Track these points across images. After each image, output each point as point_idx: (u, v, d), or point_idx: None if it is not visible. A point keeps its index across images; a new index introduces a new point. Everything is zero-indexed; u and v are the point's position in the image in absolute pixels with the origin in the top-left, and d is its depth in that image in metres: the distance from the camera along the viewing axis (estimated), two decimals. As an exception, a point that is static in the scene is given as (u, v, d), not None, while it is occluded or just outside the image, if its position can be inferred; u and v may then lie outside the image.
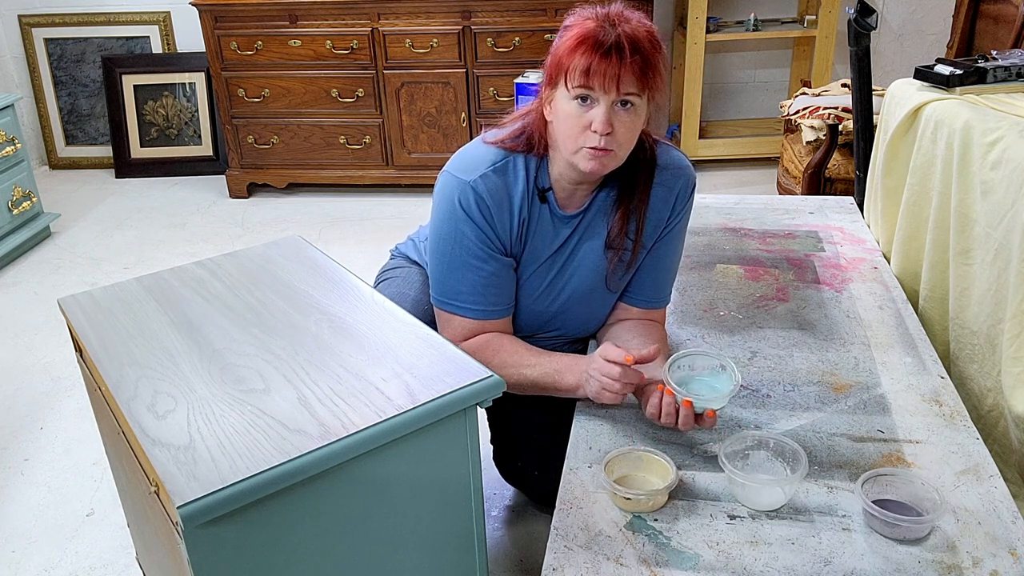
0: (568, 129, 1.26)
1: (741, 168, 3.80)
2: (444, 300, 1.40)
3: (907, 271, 1.86)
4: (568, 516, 1.12)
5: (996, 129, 1.55)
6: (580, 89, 1.22)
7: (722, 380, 1.22)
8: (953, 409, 1.31)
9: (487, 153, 1.37)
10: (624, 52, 1.20)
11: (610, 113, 1.22)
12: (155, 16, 3.98)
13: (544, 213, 1.38)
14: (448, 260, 1.37)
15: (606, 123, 1.22)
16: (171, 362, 1.10)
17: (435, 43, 3.36)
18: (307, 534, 0.96)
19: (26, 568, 1.72)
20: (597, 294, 1.45)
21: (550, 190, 1.37)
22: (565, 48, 1.24)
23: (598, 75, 1.20)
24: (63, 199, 3.81)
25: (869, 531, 1.06)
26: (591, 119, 1.23)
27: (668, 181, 1.39)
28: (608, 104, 1.22)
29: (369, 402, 1.00)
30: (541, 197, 1.37)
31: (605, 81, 1.20)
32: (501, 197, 1.34)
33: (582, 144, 1.25)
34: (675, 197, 1.40)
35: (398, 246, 1.72)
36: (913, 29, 3.82)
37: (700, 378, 1.23)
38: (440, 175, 1.38)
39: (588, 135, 1.24)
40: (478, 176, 1.33)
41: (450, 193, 1.35)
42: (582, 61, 1.21)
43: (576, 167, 1.29)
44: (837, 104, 2.73)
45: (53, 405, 2.27)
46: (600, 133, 1.22)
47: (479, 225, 1.34)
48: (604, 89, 1.21)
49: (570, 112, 1.24)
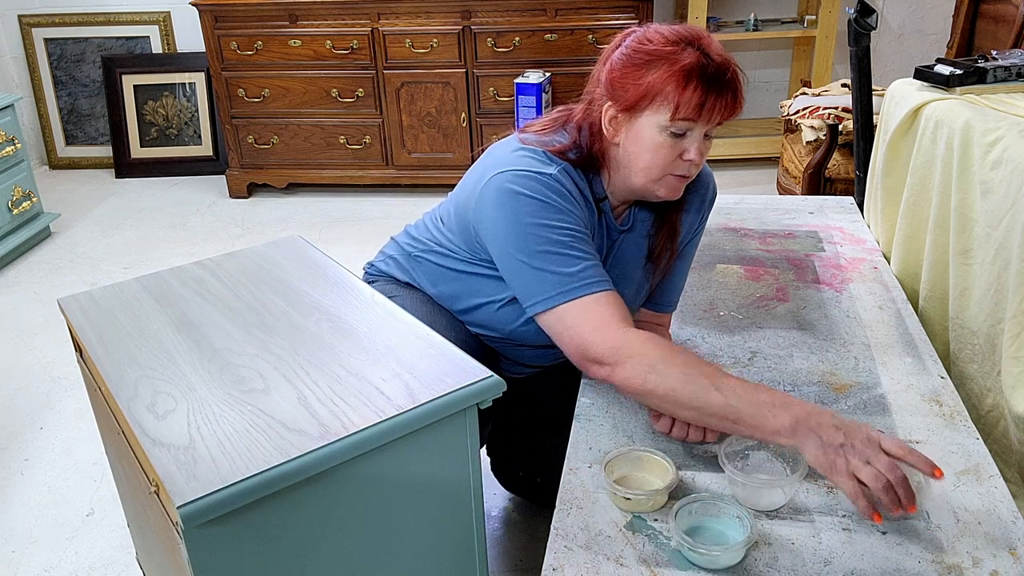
0: (655, 159, 1.23)
1: (741, 168, 3.80)
2: (559, 292, 1.18)
3: (907, 271, 1.86)
4: (568, 516, 1.12)
5: (996, 129, 1.55)
6: (685, 123, 1.20)
7: (735, 528, 1.06)
8: (953, 409, 1.31)
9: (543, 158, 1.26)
10: (729, 84, 1.19)
11: (702, 143, 1.24)
12: (155, 16, 3.98)
13: (599, 224, 1.36)
14: (543, 253, 1.19)
15: (701, 153, 1.23)
16: (171, 362, 1.10)
17: (435, 43, 3.36)
18: (307, 534, 0.96)
19: (26, 568, 1.72)
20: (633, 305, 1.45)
21: (605, 200, 1.34)
22: (669, 80, 1.18)
23: (710, 111, 1.19)
24: (63, 199, 3.81)
25: (869, 531, 1.06)
26: (683, 149, 1.22)
27: (699, 188, 1.42)
28: (701, 135, 1.23)
29: (369, 402, 1.00)
30: (598, 208, 1.34)
31: (712, 115, 1.19)
32: (576, 194, 1.26)
33: (670, 172, 1.24)
34: (705, 204, 1.44)
35: (374, 264, 1.57)
36: (913, 29, 3.82)
37: (711, 524, 1.08)
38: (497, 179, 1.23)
39: (679, 164, 1.24)
40: (556, 170, 1.24)
41: (526, 187, 1.21)
42: (695, 97, 1.17)
43: (654, 192, 1.28)
44: (837, 104, 2.73)
45: (53, 405, 2.27)
46: (697, 163, 1.23)
47: (573, 209, 1.23)
48: (708, 122, 1.21)
49: (661, 142, 1.22)
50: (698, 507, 1.07)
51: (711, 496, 1.09)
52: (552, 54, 3.33)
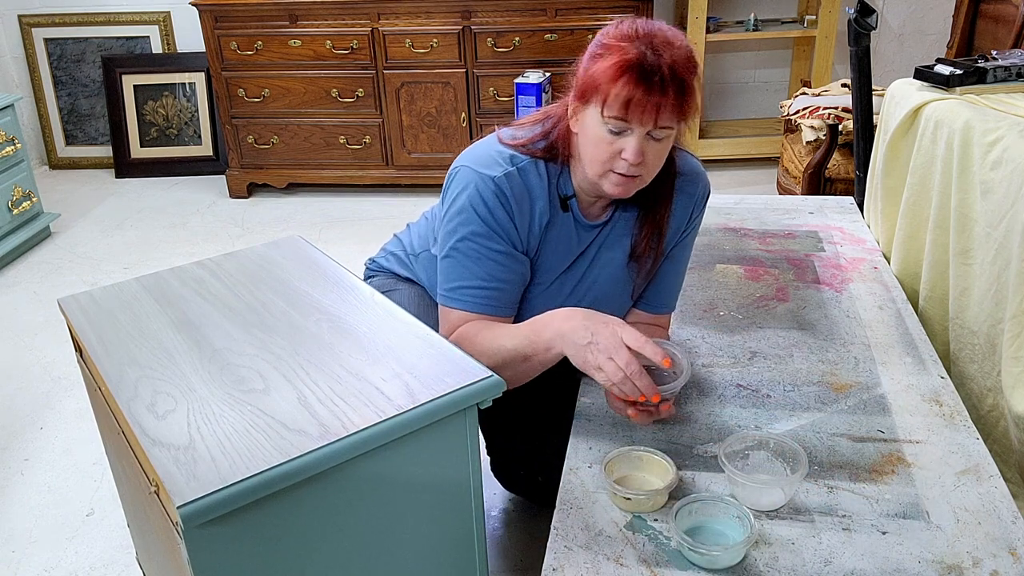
0: (597, 153, 1.22)
1: (741, 168, 3.80)
2: (449, 295, 1.33)
3: (907, 271, 1.86)
4: (568, 516, 1.12)
5: (996, 129, 1.55)
6: (616, 121, 1.18)
7: (735, 528, 1.07)
8: (953, 409, 1.31)
9: (507, 151, 1.32)
10: (667, 86, 1.14)
11: (642, 143, 1.19)
12: (155, 16, 3.98)
13: (567, 220, 1.35)
14: (463, 254, 1.31)
15: (638, 154, 1.18)
16: (171, 362, 1.10)
17: (435, 43, 3.36)
18: (307, 534, 0.96)
19: (26, 568, 1.72)
20: (616, 304, 1.44)
21: (572, 198, 1.34)
22: (604, 73, 1.17)
23: (638, 109, 1.15)
24: (63, 199, 3.81)
25: (869, 531, 1.06)
26: (622, 147, 1.19)
27: (687, 188, 1.39)
28: (642, 135, 1.18)
29: (369, 402, 1.00)
30: (563, 205, 1.33)
31: (643, 115, 1.16)
32: (524, 197, 1.30)
33: (609, 168, 1.22)
34: (693, 204, 1.40)
35: (376, 260, 1.63)
36: (913, 29, 3.82)
37: (711, 524, 1.09)
38: (456, 169, 1.33)
39: (617, 161, 1.21)
40: (502, 173, 1.28)
41: (470, 186, 1.29)
42: (623, 92, 1.15)
43: (600, 189, 1.26)
44: (837, 104, 2.73)
45: (53, 405, 2.27)
46: (632, 163, 1.19)
47: (499, 220, 1.29)
48: (641, 122, 1.17)
49: (601, 137, 1.20)
50: (698, 507, 1.07)
51: (711, 496, 1.09)
52: (552, 54, 3.33)
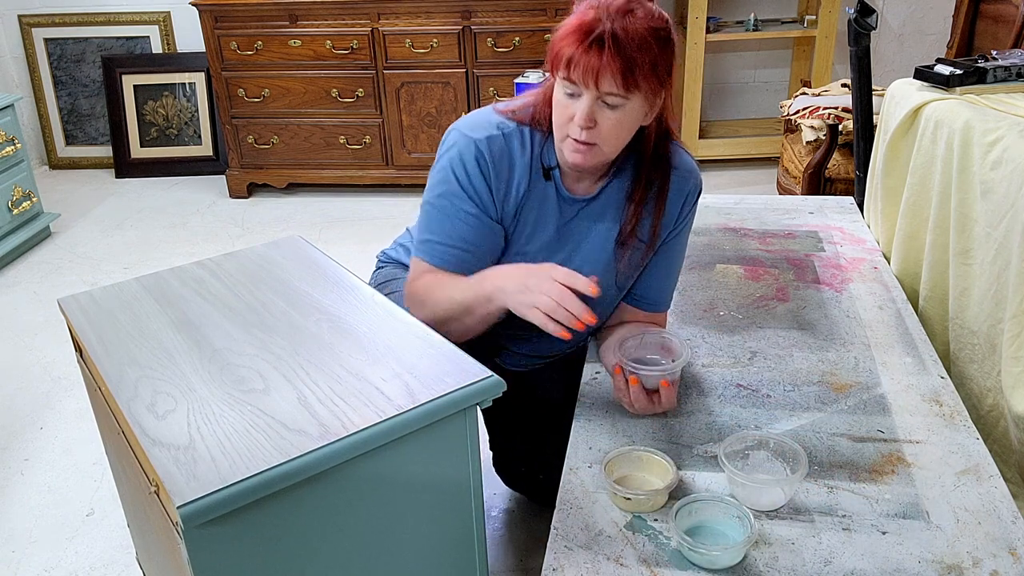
0: (557, 117, 1.25)
1: (741, 168, 3.80)
2: (419, 246, 1.37)
3: (907, 271, 1.86)
4: (568, 516, 1.12)
5: (996, 129, 1.55)
6: (565, 82, 1.21)
7: (735, 528, 1.07)
8: (953, 409, 1.31)
9: (497, 118, 1.35)
10: (605, 49, 1.15)
11: (593, 108, 1.20)
12: (155, 16, 3.98)
13: (548, 191, 1.36)
14: (436, 209, 1.35)
15: (585, 117, 1.20)
16: (171, 362, 1.10)
17: (435, 43, 3.36)
18: (307, 534, 0.96)
19: (26, 568, 1.72)
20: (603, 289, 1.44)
21: (555, 168, 1.35)
22: (560, 34, 1.21)
23: (578, 68, 1.17)
24: (63, 199, 3.81)
25: (869, 531, 1.06)
26: (575, 111, 1.21)
27: (679, 183, 1.38)
28: (592, 99, 1.19)
29: (369, 402, 1.00)
30: (546, 174, 1.35)
31: (585, 76, 1.17)
32: (503, 161, 1.33)
33: (567, 133, 1.24)
34: (684, 200, 1.40)
35: (386, 252, 1.68)
36: (913, 29, 3.82)
37: (711, 524, 1.09)
38: (448, 132, 1.37)
39: (572, 126, 1.23)
40: (485, 136, 1.32)
41: (453, 146, 1.33)
42: (567, 51, 1.18)
43: (563, 157, 1.29)
44: (837, 104, 2.73)
45: (53, 405, 2.27)
46: (580, 126, 1.21)
47: (475, 184, 1.32)
48: (584, 84, 1.18)
49: (559, 100, 1.24)
50: (698, 507, 1.07)
51: (711, 496, 1.09)
52: (552, 54, 3.33)
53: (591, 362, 1.47)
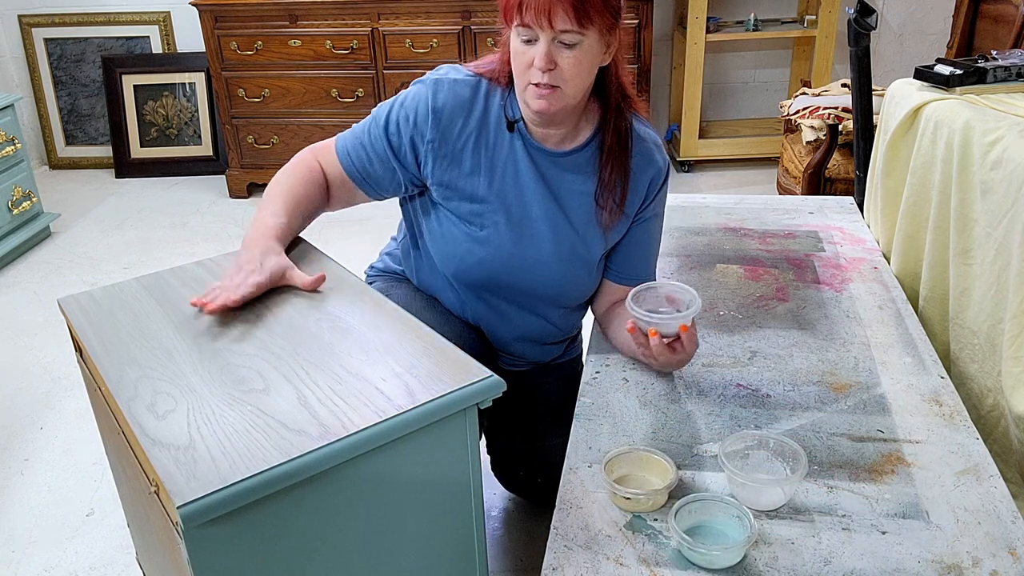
0: (516, 67, 1.26)
1: (741, 168, 3.80)
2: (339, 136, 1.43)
3: (907, 271, 1.86)
4: (568, 516, 1.12)
5: (996, 129, 1.55)
6: (521, 28, 1.22)
7: (735, 528, 1.06)
8: (953, 409, 1.31)
9: (461, 70, 1.38)
10: None
11: (551, 49, 1.21)
12: (155, 16, 3.98)
13: (516, 144, 1.37)
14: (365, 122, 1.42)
15: (545, 58, 1.21)
16: (171, 362, 1.10)
17: (435, 43, 3.36)
18: (307, 534, 0.96)
19: (26, 568, 1.72)
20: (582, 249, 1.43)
21: (519, 121, 1.36)
22: None
23: (530, 10, 1.19)
24: (63, 199, 3.81)
25: (869, 531, 1.06)
26: (534, 56, 1.22)
27: (646, 152, 1.40)
28: (548, 41, 1.21)
29: (369, 402, 1.00)
30: (510, 126, 1.36)
31: (538, 16, 1.19)
32: (460, 102, 1.35)
33: (528, 80, 1.25)
34: (655, 171, 1.41)
35: (374, 266, 1.67)
36: (913, 29, 3.83)
37: (711, 524, 1.08)
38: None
39: (532, 72, 1.24)
40: (447, 79, 1.36)
41: (411, 88, 1.38)
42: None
43: (527, 106, 1.29)
44: (837, 104, 2.74)
45: (53, 405, 2.27)
46: (540, 69, 1.22)
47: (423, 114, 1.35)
48: (539, 25, 1.20)
49: (517, 50, 1.25)
50: (698, 507, 1.07)
51: (711, 496, 1.09)
52: (552, 54, 3.33)
53: (591, 362, 1.47)
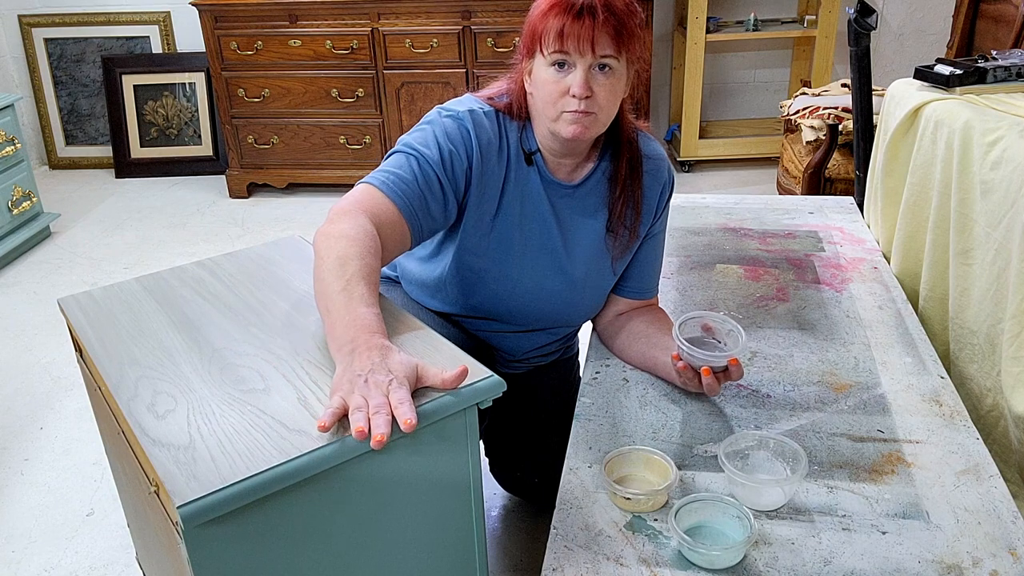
0: (547, 96, 1.25)
1: (741, 168, 3.80)
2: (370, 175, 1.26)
3: (907, 271, 1.86)
4: (568, 516, 1.12)
5: (996, 129, 1.55)
6: (556, 54, 1.21)
7: (735, 528, 1.07)
8: (953, 409, 1.31)
9: (479, 102, 1.35)
10: (597, 13, 1.18)
11: (588, 76, 1.21)
12: (155, 16, 3.98)
13: (532, 177, 1.36)
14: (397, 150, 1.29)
15: (584, 85, 1.21)
16: (171, 362, 1.10)
17: (435, 43, 3.36)
18: (307, 534, 0.96)
19: (26, 568, 1.72)
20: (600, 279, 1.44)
21: (537, 152, 1.35)
22: (538, 14, 1.23)
23: (572, 37, 1.19)
24: (63, 199, 3.81)
25: (869, 531, 1.06)
26: (569, 84, 1.22)
27: (654, 171, 1.41)
28: (586, 68, 1.21)
29: (369, 402, 1.00)
30: (528, 159, 1.35)
31: (580, 43, 1.19)
32: (492, 138, 1.32)
33: (562, 109, 1.24)
34: (662, 186, 1.42)
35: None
36: (913, 29, 3.83)
37: (711, 524, 1.08)
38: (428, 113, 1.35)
39: (567, 100, 1.23)
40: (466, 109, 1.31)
41: (436, 117, 1.31)
42: (555, 24, 1.20)
43: (558, 135, 1.28)
44: (837, 104, 2.74)
45: (53, 405, 2.27)
46: (579, 96, 1.21)
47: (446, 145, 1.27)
48: (580, 52, 1.20)
49: (548, 79, 1.24)
50: (698, 507, 1.07)
51: (711, 496, 1.09)
52: (552, 54, 3.33)
53: (591, 362, 1.47)
